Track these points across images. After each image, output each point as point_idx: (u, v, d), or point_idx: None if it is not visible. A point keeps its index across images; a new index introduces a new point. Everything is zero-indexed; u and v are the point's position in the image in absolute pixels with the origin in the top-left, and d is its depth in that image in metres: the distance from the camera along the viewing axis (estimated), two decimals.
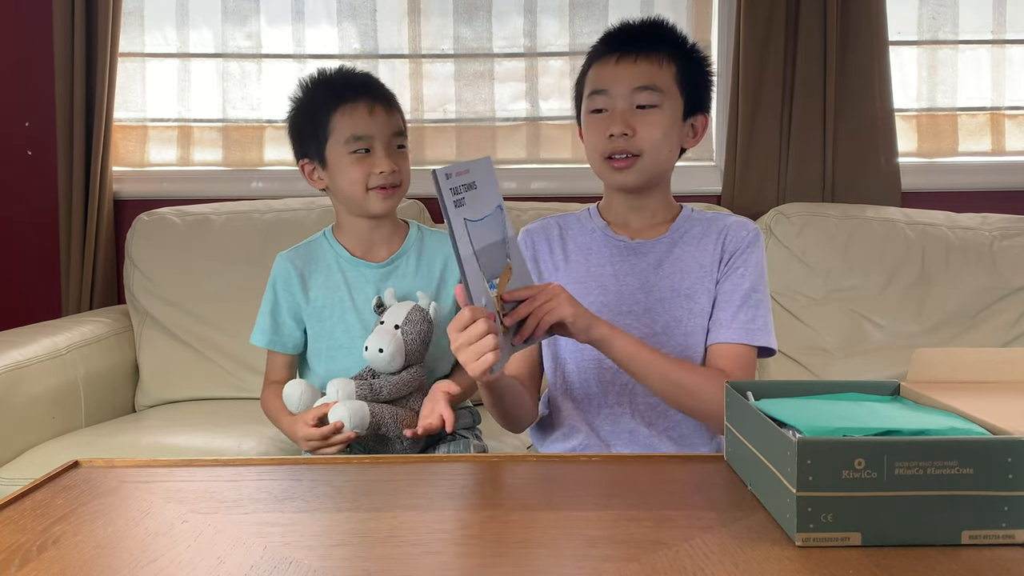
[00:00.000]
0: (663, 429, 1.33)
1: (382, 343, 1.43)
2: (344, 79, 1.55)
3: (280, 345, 1.57)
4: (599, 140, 1.33)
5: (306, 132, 1.53)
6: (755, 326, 1.30)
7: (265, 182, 2.54)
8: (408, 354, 1.45)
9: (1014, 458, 0.77)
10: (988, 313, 2.18)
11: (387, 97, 1.53)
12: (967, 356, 1.10)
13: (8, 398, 1.77)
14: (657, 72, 1.32)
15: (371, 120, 1.48)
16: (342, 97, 1.49)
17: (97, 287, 2.44)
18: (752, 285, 1.32)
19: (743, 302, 1.31)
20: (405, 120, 1.57)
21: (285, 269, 1.56)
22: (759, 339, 1.30)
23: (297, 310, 1.56)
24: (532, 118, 2.56)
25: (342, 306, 1.54)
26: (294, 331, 1.56)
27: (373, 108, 1.49)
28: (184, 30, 2.55)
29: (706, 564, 0.75)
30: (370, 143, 1.48)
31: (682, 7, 2.54)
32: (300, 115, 1.55)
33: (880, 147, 2.39)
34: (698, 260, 1.35)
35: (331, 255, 1.57)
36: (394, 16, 2.54)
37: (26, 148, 2.50)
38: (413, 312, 1.46)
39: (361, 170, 1.48)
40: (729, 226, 1.36)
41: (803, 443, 0.77)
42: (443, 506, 0.91)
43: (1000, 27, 2.50)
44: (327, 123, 1.49)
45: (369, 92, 1.51)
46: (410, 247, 1.59)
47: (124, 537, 0.83)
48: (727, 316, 1.31)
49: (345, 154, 1.49)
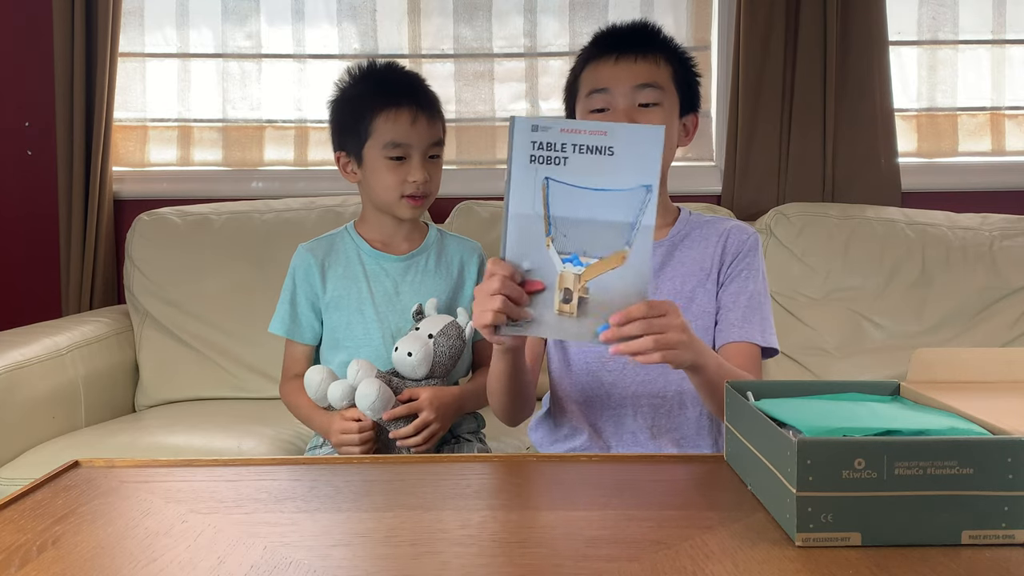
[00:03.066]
0: (665, 431, 1.33)
1: (412, 348, 1.43)
2: (392, 79, 1.54)
3: (299, 335, 1.57)
4: None
5: (346, 127, 1.53)
6: (764, 327, 1.33)
7: (265, 182, 2.54)
8: (435, 365, 1.45)
9: (1014, 458, 0.77)
10: (988, 313, 2.17)
11: (431, 104, 1.52)
12: (967, 356, 1.11)
13: (8, 398, 1.77)
14: (656, 70, 1.33)
15: (412, 129, 1.48)
16: (388, 99, 1.48)
17: (97, 287, 2.44)
18: (756, 287, 1.35)
19: (750, 304, 1.33)
20: (445, 126, 1.56)
21: (305, 259, 1.57)
22: (768, 339, 1.33)
23: (315, 300, 1.56)
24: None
25: (360, 297, 1.55)
26: (313, 321, 1.57)
27: (416, 117, 1.48)
28: (184, 30, 2.55)
29: (706, 564, 0.75)
30: (407, 151, 1.49)
31: (682, 7, 2.54)
32: (343, 108, 1.54)
33: (880, 147, 2.39)
34: (699, 263, 1.36)
35: (351, 247, 1.58)
36: (394, 16, 2.54)
37: (26, 148, 2.50)
38: (450, 326, 1.46)
39: (396, 177, 1.49)
40: (730, 230, 1.38)
41: (803, 443, 0.77)
42: (443, 506, 0.91)
43: (1000, 27, 2.50)
44: (369, 123, 1.49)
45: (416, 99, 1.50)
46: (430, 245, 1.60)
47: (124, 537, 0.83)
48: (737, 316, 1.33)
49: (382, 158, 1.49)
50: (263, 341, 1.65)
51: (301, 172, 2.56)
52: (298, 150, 2.57)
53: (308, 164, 2.57)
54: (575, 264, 0.99)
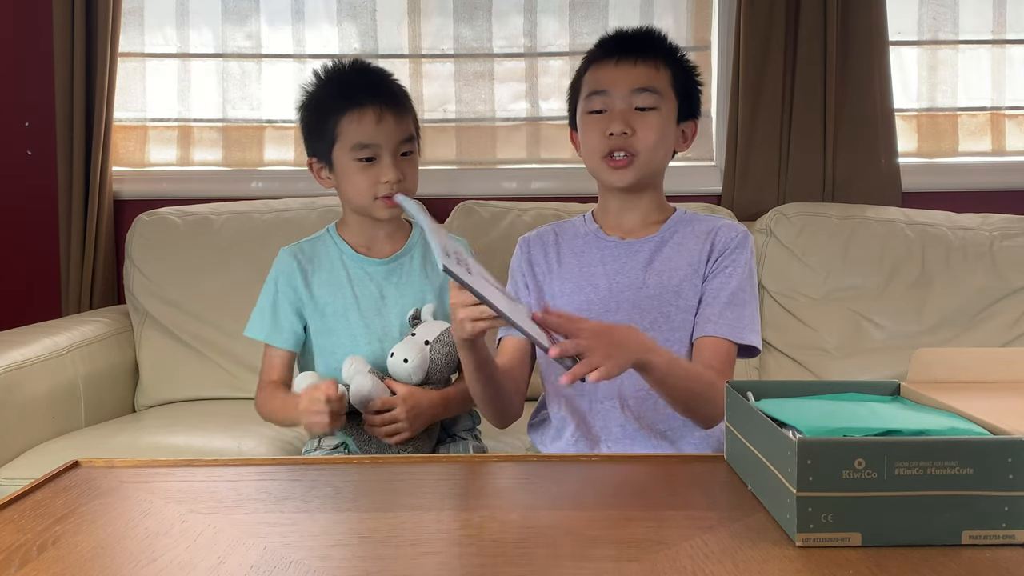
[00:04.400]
0: (651, 424, 1.36)
1: (408, 354, 1.42)
2: (355, 79, 1.51)
3: (280, 340, 1.54)
4: (598, 139, 1.36)
5: (314, 131, 1.51)
6: (741, 324, 1.34)
7: (265, 182, 2.54)
8: (431, 372, 1.44)
9: (1014, 458, 0.77)
10: (988, 313, 2.17)
11: (398, 101, 1.49)
12: (967, 356, 1.11)
13: (8, 398, 1.77)
14: (655, 75, 1.36)
15: (378, 129, 1.45)
16: (351, 100, 1.46)
17: (97, 287, 2.44)
18: (739, 284, 1.36)
19: (730, 300, 1.35)
20: (417, 121, 1.53)
21: (288, 264, 1.55)
22: (745, 337, 1.34)
23: (299, 305, 1.54)
24: (532, 118, 2.56)
25: (345, 302, 1.53)
26: (295, 326, 1.54)
27: (382, 115, 1.45)
28: (184, 30, 2.55)
29: (706, 564, 0.75)
30: (376, 151, 1.45)
31: (682, 7, 2.54)
32: (309, 112, 1.52)
33: (880, 147, 2.39)
34: (687, 258, 1.38)
35: (335, 251, 1.56)
36: (394, 16, 2.54)
37: (26, 148, 2.50)
38: (446, 333, 1.45)
39: (367, 178, 1.46)
40: (719, 227, 1.40)
41: (803, 443, 0.77)
42: (443, 506, 0.91)
43: (1000, 27, 2.50)
44: (334, 127, 1.46)
45: (379, 96, 1.46)
46: (414, 245, 1.58)
47: (124, 537, 0.83)
48: (715, 312, 1.34)
49: (351, 160, 1.46)
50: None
51: (301, 172, 2.54)
52: (298, 150, 2.56)
53: None
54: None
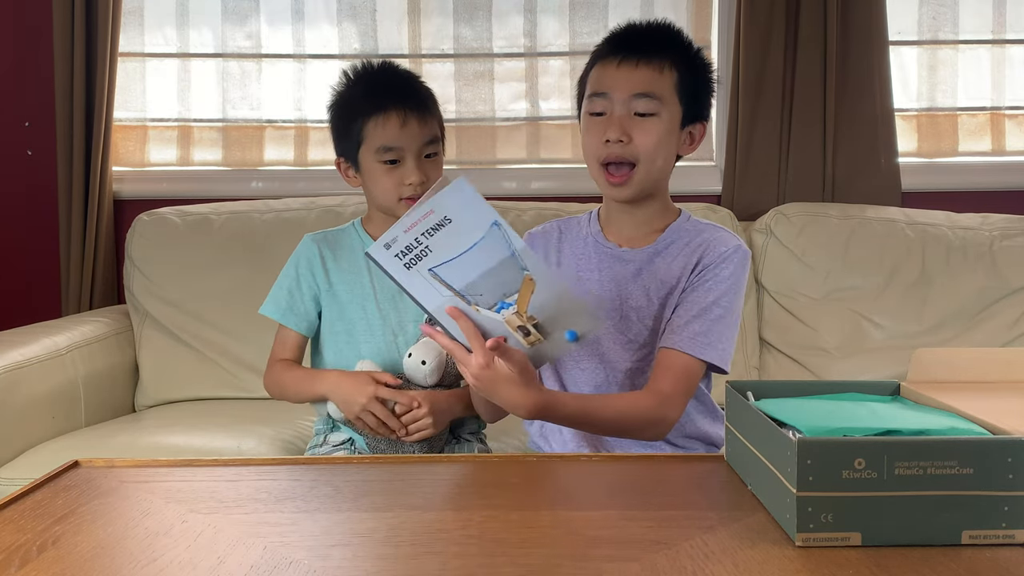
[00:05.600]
0: None
1: (427, 356, 1.42)
2: (382, 81, 1.53)
3: (293, 323, 1.56)
4: (596, 144, 1.33)
5: (342, 133, 1.54)
6: (706, 340, 1.27)
7: (265, 182, 2.54)
8: (446, 375, 1.45)
9: (1014, 458, 0.77)
10: (988, 313, 2.17)
11: (422, 104, 1.51)
12: (967, 356, 1.11)
13: (8, 398, 1.77)
14: (657, 79, 1.31)
15: (402, 132, 1.47)
16: (376, 103, 1.48)
17: (97, 287, 2.44)
18: (715, 299, 1.29)
19: (700, 313, 1.29)
20: (442, 122, 1.55)
21: (309, 248, 1.57)
22: (705, 353, 1.27)
23: (317, 292, 1.56)
24: (532, 118, 2.56)
25: (363, 292, 1.54)
26: (311, 311, 1.56)
27: (406, 119, 1.47)
28: (184, 30, 2.55)
29: (706, 564, 0.75)
30: (400, 154, 1.48)
31: (682, 7, 2.54)
32: (337, 114, 1.55)
33: (880, 147, 2.39)
34: (674, 272, 1.34)
35: (357, 243, 1.58)
36: (394, 16, 2.54)
37: (26, 148, 2.50)
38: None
39: (391, 180, 1.49)
40: (711, 240, 1.34)
41: (803, 443, 0.77)
42: (443, 506, 0.91)
43: (1000, 27, 2.50)
44: (360, 129, 1.49)
45: (404, 100, 1.48)
46: None
47: (124, 537, 0.83)
48: (679, 323, 1.29)
49: (376, 162, 1.49)
50: (264, 341, 1.64)
51: (301, 172, 2.56)
52: (298, 150, 2.57)
53: (308, 164, 2.57)
54: (506, 307, 1.11)
